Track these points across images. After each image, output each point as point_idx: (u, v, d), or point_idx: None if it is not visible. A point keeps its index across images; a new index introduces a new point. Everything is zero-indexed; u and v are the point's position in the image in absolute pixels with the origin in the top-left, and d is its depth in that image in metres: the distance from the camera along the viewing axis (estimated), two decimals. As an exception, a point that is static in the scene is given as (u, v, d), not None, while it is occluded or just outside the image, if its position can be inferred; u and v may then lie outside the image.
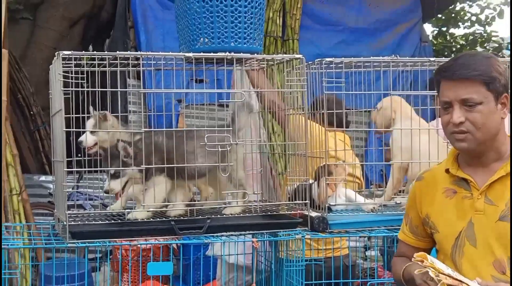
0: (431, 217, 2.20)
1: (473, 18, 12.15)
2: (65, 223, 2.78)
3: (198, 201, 3.33)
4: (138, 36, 6.59)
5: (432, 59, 3.37)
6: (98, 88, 2.90)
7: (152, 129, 3.06)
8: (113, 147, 2.88)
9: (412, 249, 2.29)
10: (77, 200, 4.94)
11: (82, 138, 3.05)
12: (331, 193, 3.26)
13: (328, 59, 3.17)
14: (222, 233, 2.98)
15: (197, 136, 3.03)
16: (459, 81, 2.03)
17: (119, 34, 7.11)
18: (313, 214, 3.10)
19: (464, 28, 12.27)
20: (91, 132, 3.08)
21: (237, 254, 3.48)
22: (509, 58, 4.13)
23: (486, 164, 2.10)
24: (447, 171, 2.19)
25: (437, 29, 12.12)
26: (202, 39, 3.29)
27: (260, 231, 3.08)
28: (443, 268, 1.95)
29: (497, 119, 2.05)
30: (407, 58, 3.40)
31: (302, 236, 3.03)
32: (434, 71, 2.19)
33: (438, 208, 2.18)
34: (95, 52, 2.94)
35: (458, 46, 12.03)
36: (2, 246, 2.74)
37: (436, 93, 2.16)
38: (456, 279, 1.92)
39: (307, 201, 3.10)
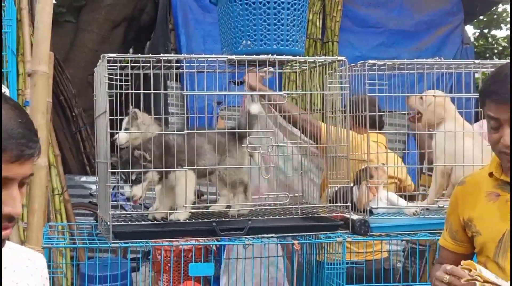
0: (474, 220, 2.18)
1: (516, 20, 11.97)
2: (108, 223, 2.82)
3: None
4: (179, 39, 6.65)
5: (476, 61, 3.32)
6: (141, 90, 2.93)
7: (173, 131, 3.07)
8: (128, 154, 2.90)
9: (451, 254, 2.27)
10: (118, 200, 5.00)
11: (116, 136, 3.08)
12: (372, 197, 3.24)
13: (371, 61, 3.16)
14: (263, 235, 2.98)
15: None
16: (507, 102, 1.99)
17: (160, 37, 7.18)
18: (355, 217, 3.08)
19: (507, 29, 12.10)
20: (126, 130, 3.12)
21: (277, 256, 3.49)
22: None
23: None
24: (490, 174, 2.16)
25: (479, 31, 11.97)
26: (244, 41, 3.31)
27: (301, 233, 3.07)
28: (491, 277, 1.92)
29: None
30: (451, 60, 3.36)
31: (343, 239, 3.02)
32: (480, 90, 2.12)
33: (481, 211, 2.16)
34: (139, 54, 2.97)
35: (500, 48, 11.87)
36: (48, 246, 2.78)
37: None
38: None
39: (348, 204, 3.09)
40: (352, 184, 3.23)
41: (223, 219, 3.02)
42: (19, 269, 1.57)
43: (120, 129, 3.10)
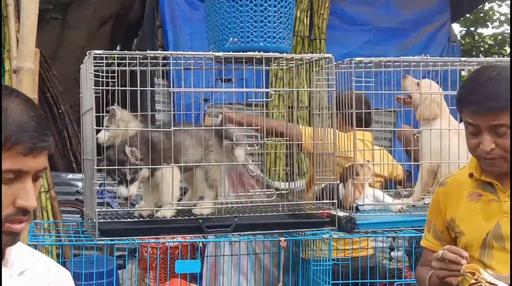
0: (456, 220, 2.19)
1: (502, 18, 12.03)
2: (94, 220, 2.81)
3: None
4: (166, 36, 6.63)
5: (463, 59, 3.34)
6: (128, 87, 2.92)
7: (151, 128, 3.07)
8: (120, 153, 2.89)
9: None
10: (104, 198, 4.99)
11: (98, 134, 3.07)
12: (358, 195, 3.25)
13: (357, 59, 3.16)
14: (249, 232, 2.98)
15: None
16: (488, 111, 1.99)
17: (147, 34, 7.16)
18: (341, 213, 3.09)
19: (493, 28, 12.16)
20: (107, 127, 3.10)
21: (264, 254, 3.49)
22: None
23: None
24: (470, 175, 2.17)
25: (465, 29, 12.02)
26: (231, 38, 3.30)
27: (288, 230, 3.07)
28: (495, 281, 1.91)
29: None
30: (437, 57, 3.37)
31: (329, 236, 3.02)
32: (457, 96, 2.11)
33: (464, 211, 2.17)
34: (126, 51, 2.96)
35: (487, 46, 11.93)
36: (34, 243, 2.77)
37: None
38: None
39: (334, 201, 3.10)
40: (338, 182, 3.24)
41: (210, 216, 3.02)
42: (36, 277, 1.56)
43: (110, 127, 3.09)
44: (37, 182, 1.42)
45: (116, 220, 2.97)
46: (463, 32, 12.05)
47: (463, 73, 4.91)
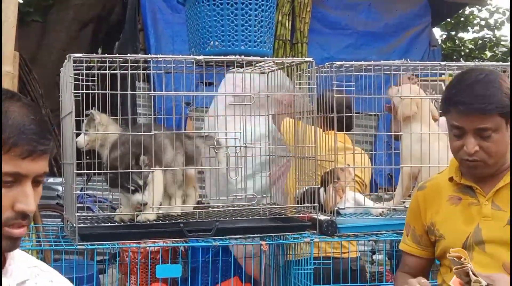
0: (437, 224, 2.19)
1: (482, 23, 12.12)
2: (74, 225, 2.79)
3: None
4: (148, 39, 6.60)
5: (443, 63, 3.35)
6: (108, 90, 2.91)
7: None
8: (131, 160, 2.84)
9: (416, 259, 2.29)
10: (85, 202, 4.95)
11: (78, 138, 3.05)
12: (339, 200, 3.25)
13: (338, 63, 3.17)
14: (231, 236, 2.98)
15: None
16: (476, 112, 2.00)
17: (129, 37, 7.13)
18: (322, 217, 3.09)
19: (473, 32, 12.24)
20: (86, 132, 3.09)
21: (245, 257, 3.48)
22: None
23: (491, 174, 2.10)
24: (450, 179, 2.18)
25: (446, 33, 12.09)
26: (212, 42, 3.30)
27: (269, 234, 3.07)
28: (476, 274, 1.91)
29: (507, 141, 2.04)
30: (418, 62, 3.39)
31: (310, 240, 3.02)
32: (444, 97, 2.12)
33: (444, 215, 2.18)
34: (106, 55, 2.95)
35: (467, 50, 12.01)
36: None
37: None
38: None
39: (315, 204, 3.10)
40: (319, 186, 3.24)
41: (190, 220, 3.01)
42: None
43: (90, 131, 3.07)
44: (39, 187, 1.40)
45: (96, 224, 2.95)
46: (444, 36, 12.12)
47: (443, 76, 4.94)
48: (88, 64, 2.94)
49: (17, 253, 1.48)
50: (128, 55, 2.97)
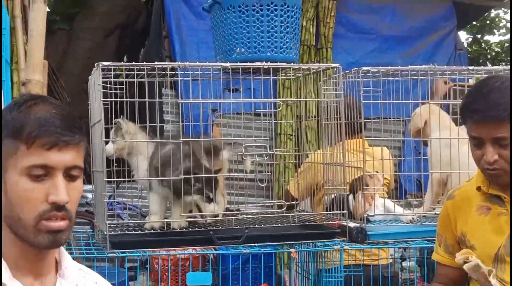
0: (467, 235, 2.17)
1: (508, 25, 11.99)
2: (105, 232, 2.81)
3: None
4: (173, 46, 6.63)
5: (470, 67, 3.33)
6: (136, 98, 2.92)
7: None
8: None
9: (449, 269, 2.26)
10: (114, 209, 4.98)
11: (106, 146, 3.07)
12: (368, 207, 3.22)
13: (365, 68, 3.16)
14: (260, 243, 2.97)
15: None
16: (491, 121, 1.99)
17: (154, 44, 7.16)
18: (352, 224, 3.07)
19: (500, 35, 12.12)
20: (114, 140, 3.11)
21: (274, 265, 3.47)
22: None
23: None
24: (478, 188, 2.16)
25: (472, 36, 11.98)
26: (238, 49, 3.30)
27: (298, 242, 3.06)
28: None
29: None
30: (445, 66, 3.37)
31: (340, 247, 3.01)
32: (461, 106, 2.12)
33: (474, 225, 2.16)
34: (134, 63, 2.96)
35: (494, 53, 11.89)
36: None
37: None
38: None
39: (345, 211, 3.08)
40: (348, 193, 3.22)
41: (220, 227, 3.01)
42: None
43: (118, 139, 3.09)
44: (75, 182, 1.43)
45: (127, 232, 2.96)
46: (470, 39, 12.01)
47: (470, 81, 4.90)
48: (116, 72, 2.96)
49: (68, 256, 1.53)
50: (156, 63, 2.99)
